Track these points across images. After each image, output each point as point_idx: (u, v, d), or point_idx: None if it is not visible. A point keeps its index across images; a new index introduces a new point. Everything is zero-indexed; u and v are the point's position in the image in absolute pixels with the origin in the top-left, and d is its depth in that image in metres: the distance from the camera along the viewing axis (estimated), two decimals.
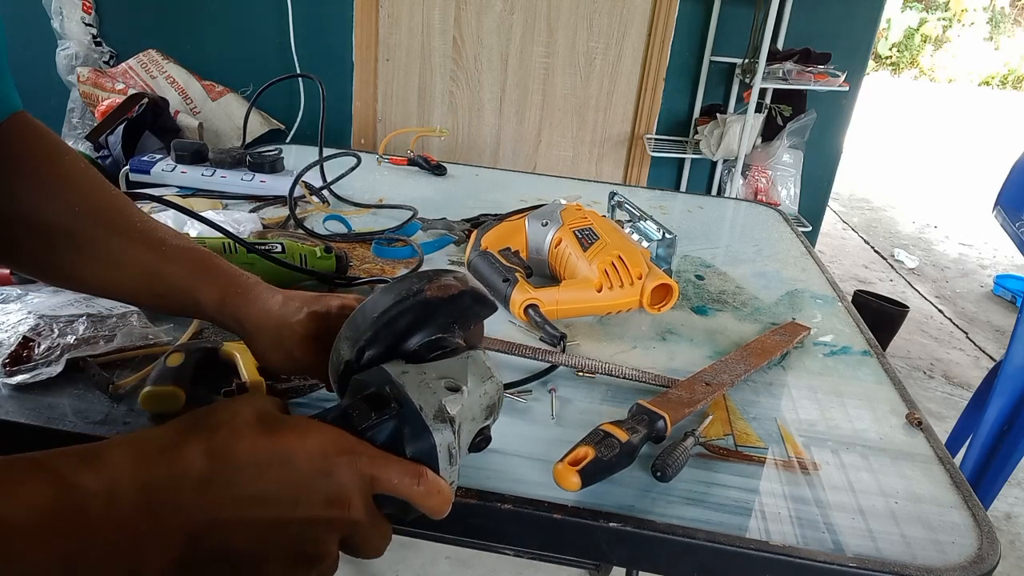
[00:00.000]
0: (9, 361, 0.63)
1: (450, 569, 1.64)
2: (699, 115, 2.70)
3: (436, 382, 0.44)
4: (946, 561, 0.54)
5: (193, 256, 0.58)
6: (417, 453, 0.41)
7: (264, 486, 0.36)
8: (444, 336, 0.48)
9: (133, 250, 0.57)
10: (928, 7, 12.09)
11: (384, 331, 0.46)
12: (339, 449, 0.39)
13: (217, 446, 0.37)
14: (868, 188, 5.67)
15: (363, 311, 0.47)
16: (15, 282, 0.78)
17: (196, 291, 0.57)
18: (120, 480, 0.34)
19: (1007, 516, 2.05)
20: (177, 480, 0.35)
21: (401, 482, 0.40)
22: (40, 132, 0.58)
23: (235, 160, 1.20)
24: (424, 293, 0.46)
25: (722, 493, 0.59)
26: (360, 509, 0.39)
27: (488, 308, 0.51)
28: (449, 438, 0.42)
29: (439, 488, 0.41)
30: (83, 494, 0.33)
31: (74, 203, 0.56)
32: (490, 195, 1.35)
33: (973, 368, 2.94)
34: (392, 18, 2.65)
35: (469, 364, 0.46)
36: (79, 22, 2.57)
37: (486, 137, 2.82)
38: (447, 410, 0.42)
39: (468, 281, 0.49)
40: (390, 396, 0.42)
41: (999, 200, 1.49)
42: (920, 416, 0.73)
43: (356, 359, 0.46)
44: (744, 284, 1.04)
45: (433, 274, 0.48)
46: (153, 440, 0.37)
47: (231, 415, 0.39)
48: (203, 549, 0.36)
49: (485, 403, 0.46)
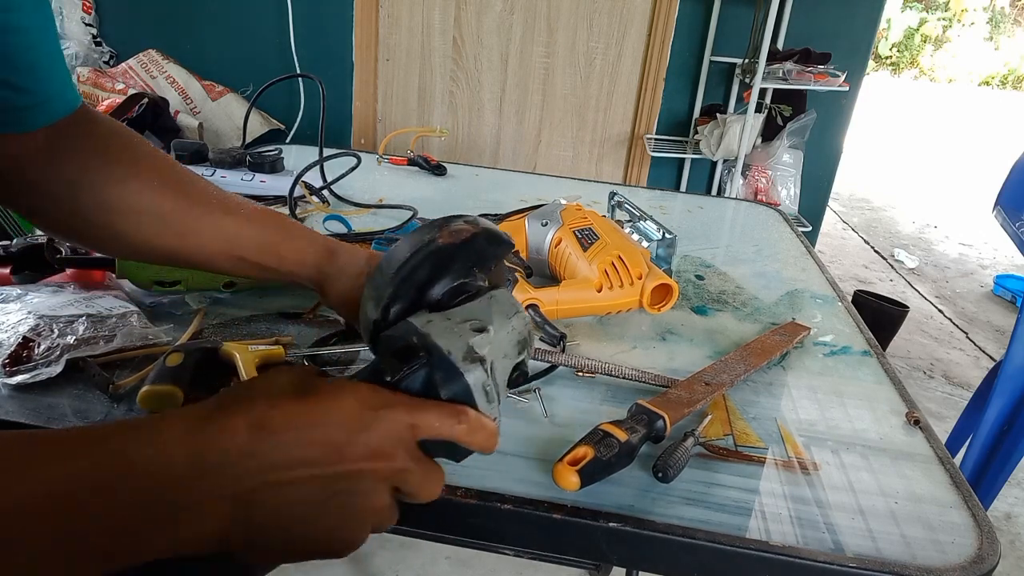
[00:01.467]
0: (9, 361, 0.63)
1: (450, 569, 1.64)
2: (699, 115, 2.70)
3: (462, 325, 0.44)
4: (946, 561, 0.54)
5: (270, 217, 0.63)
6: (452, 395, 0.42)
7: (306, 449, 0.38)
8: (465, 281, 0.48)
9: (212, 217, 0.61)
10: (928, 7, 12.09)
11: (404, 285, 0.46)
12: (374, 403, 0.40)
13: (256, 416, 0.38)
14: (868, 188, 5.67)
15: (381, 269, 0.47)
16: (15, 282, 0.78)
17: (277, 246, 0.61)
18: (170, 449, 0.36)
19: (1007, 516, 2.05)
20: (221, 452, 0.37)
21: (443, 424, 0.41)
22: (106, 122, 0.62)
23: (235, 160, 1.20)
24: (437, 241, 0.46)
25: (722, 493, 0.59)
26: (405, 457, 0.40)
27: (505, 246, 0.51)
28: (482, 377, 0.43)
29: (482, 424, 0.42)
30: (136, 460, 0.35)
31: (152, 180, 0.60)
32: (490, 195, 1.35)
33: (973, 368, 2.94)
34: (392, 18, 2.65)
35: (492, 304, 0.47)
36: (79, 22, 2.57)
37: (486, 137, 2.82)
38: (476, 350, 0.43)
39: (480, 223, 0.49)
40: (418, 346, 0.43)
41: (999, 200, 1.49)
42: (919, 415, 0.73)
43: (383, 317, 0.47)
44: (744, 284, 1.04)
45: (443, 221, 0.48)
46: (197, 412, 0.38)
47: (268, 385, 0.40)
48: (255, 513, 0.37)
49: (515, 339, 0.47)
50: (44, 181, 0.59)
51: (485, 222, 0.50)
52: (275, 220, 0.64)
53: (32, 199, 0.60)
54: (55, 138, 0.58)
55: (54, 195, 0.59)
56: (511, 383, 0.47)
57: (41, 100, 0.56)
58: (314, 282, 0.64)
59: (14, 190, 0.60)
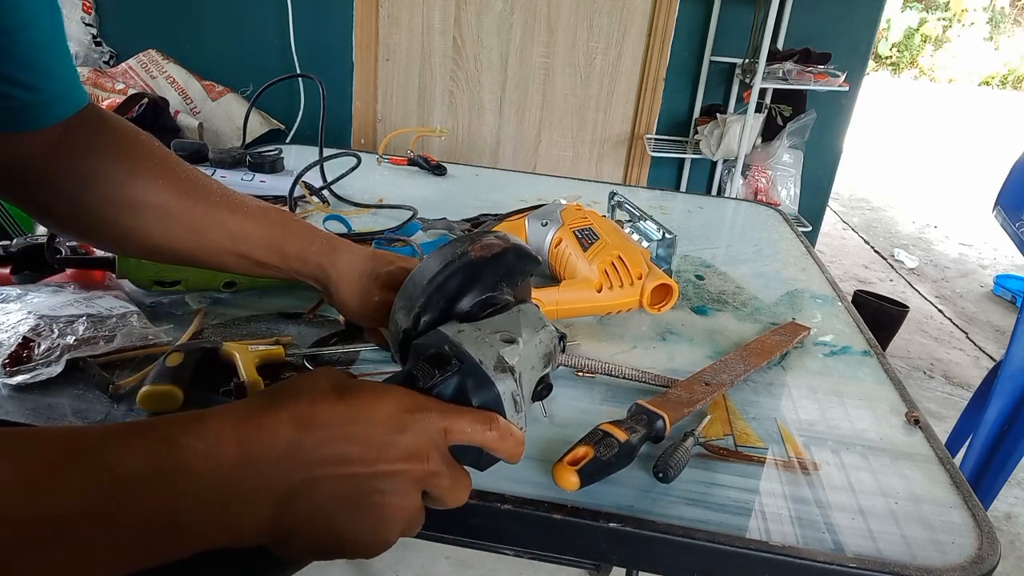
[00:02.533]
0: (9, 361, 0.63)
1: (450, 569, 1.64)
2: (699, 115, 2.70)
3: (492, 336, 0.45)
4: (946, 561, 0.54)
5: (274, 214, 0.63)
6: (484, 403, 0.43)
7: (346, 446, 0.39)
8: (494, 294, 0.50)
9: (215, 214, 0.62)
10: (928, 7, 12.09)
11: (436, 296, 0.48)
12: (411, 407, 0.41)
13: (301, 413, 0.39)
14: (868, 188, 5.66)
15: (413, 280, 0.49)
16: (15, 282, 0.78)
17: (280, 243, 0.62)
18: (220, 441, 0.37)
19: (1007, 516, 2.05)
20: (268, 445, 0.37)
21: (474, 430, 0.42)
22: (112, 119, 0.63)
23: (235, 160, 1.20)
24: (469, 255, 0.48)
25: (722, 493, 0.59)
26: (437, 460, 0.41)
27: (532, 263, 0.53)
28: (512, 386, 0.44)
29: (510, 431, 0.44)
30: (187, 452, 0.36)
31: (157, 177, 0.61)
32: (490, 195, 1.35)
33: (973, 368, 2.94)
34: (392, 18, 2.65)
35: (521, 317, 0.48)
36: (79, 22, 2.57)
37: (486, 137, 2.82)
38: (506, 360, 0.44)
39: (510, 239, 0.51)
40: (450, 354, 0.44)
41: (999, 200, 1.49)
42: (919, 415, 0.73)
43: (413, 326, 0.48)
44: (744, 284, 1.04)
45: (476, 235, 0.50)
46: (243, 409, 0.39)
47: (310, 384, 0.41)
48: (297, 507, 0.38)
49: (542, 352, 0.48)
50: (54, 178, 0.59)
51: (515, 238, 0.52)
52: (279, 217, 0.65)
53: (42, 196, 0.61)
54: (65, 136, 0.59)
55: (64, 192, 0.60)
56: (536, 395, 0.48)
57: (51, 98, 0.57)
58: (317, 280, 0.65)
59: (25, 188, 0.60)
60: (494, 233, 0.51)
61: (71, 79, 0.59)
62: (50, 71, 0.56)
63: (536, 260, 0.53)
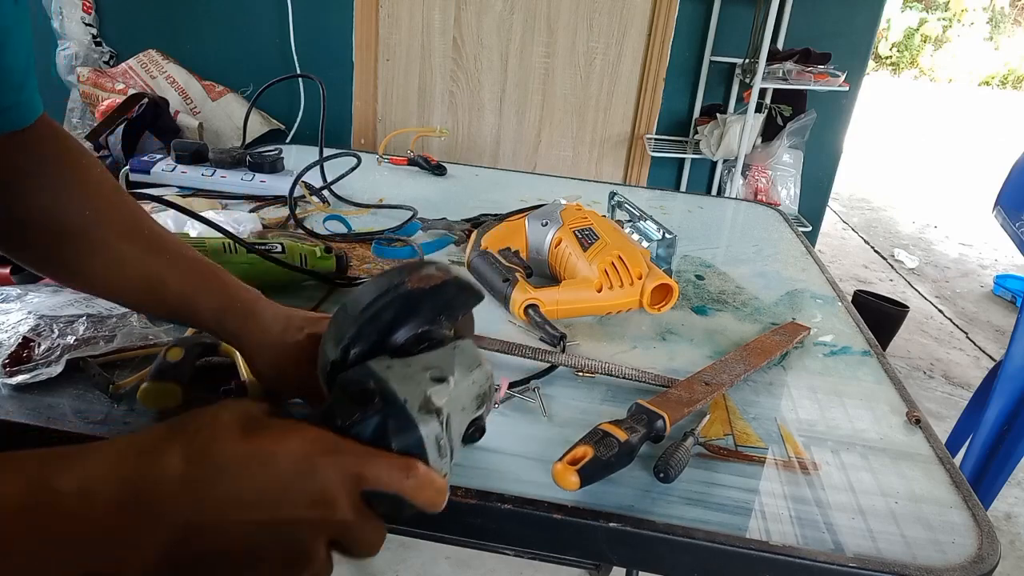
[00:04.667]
0: (9, 361, 0.63)
1: (450, 569, 1.64)
2: (699, 115, 2.70)
3: (421, 374, 0.43)
4: (946, 561, 0.54)
5: (196, 267, 0.59)
6: (404, 446, 0.40)
7: (245, 488, 0.36)
8: (430, 328, 0.47)
9: (138, 256, 0.58)
10: (928, 7, 12.09)
11: (368, 327, 0.45)
12: (321, 449, 0.38)
13: (196, 448, 0.36)
14: (868, 188, 5.66)
15: (345, 309, 0.46)
16: (15, 282, 0.78)
17: (195, 301, 0.57)
18: (94, 480, 0.35)
19: (1007, 516, 2.05)
20: (155, 482, 0.35)
21: (390, 477, 0.39)
22: (61, 137, 0.59)
23: (235, 160, 1.20)
24: (406, 285, 0.45)
25: (722, 493, 0.59)
26: (347, 508, 0.38)
27: (474, 297, 0.50)
28: (436, 429, 0.41)
29: (431, 480, 0.40)
30: (54, 492, 0.34)
31: (87, 207, 0.57)
32: (490, 195, 1.35)
33: (973, 368, 2.94)
34: (392, 18, 2.65)
35: (456, 354, 0.45)
36: (79, 22, 2.57)
37: (486, 137, 2.82)
38: (433, 401, 0.41)
39: (451, 270, 0.48)
40: (374, 391, 0.41)
41: (999, 200, 1.49)
42: (919, 414, 0.73)
43: (341, 358, 0.45)
44: (744, 284, 1.04)
45: (415, 265, 0.47)
46: (132, 443, 0.37)
47: (211, 418, 0.38)
48: (189, 550, 0.35)
49: (475, 392, 0.45)
50: None
51: (457, 270, 0.48)
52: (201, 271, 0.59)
53: None
54: (7, 147, 0.56)
55: None
56: (467, 438, 0.46)
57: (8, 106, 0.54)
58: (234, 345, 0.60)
59: None
60: (435, 264, 0.47)
61: (29, 89, 0.55)
62: (9, 80, 0.53)
63: (479, 294, 0.50)
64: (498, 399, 0.67)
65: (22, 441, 0.59)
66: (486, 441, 0.62)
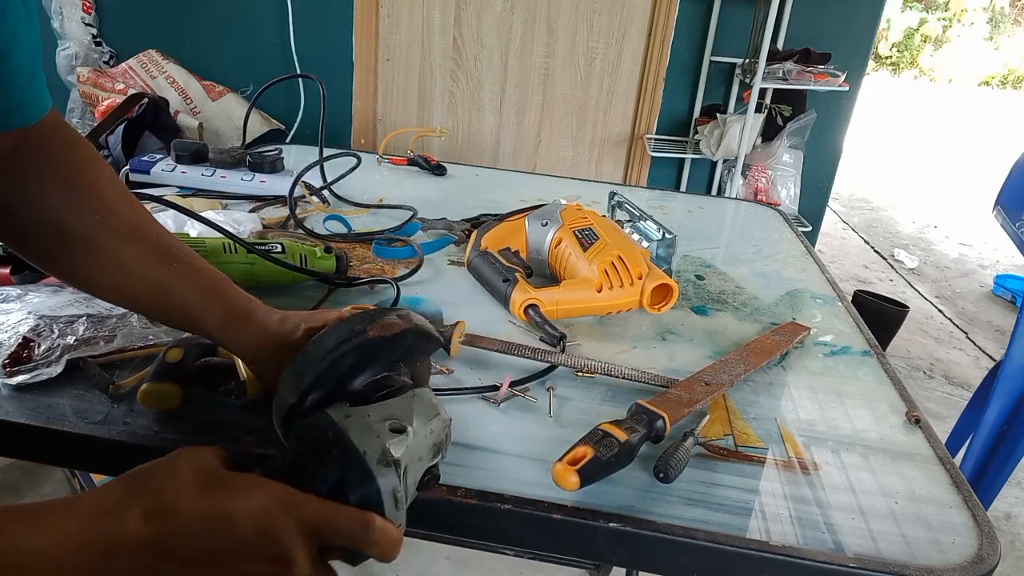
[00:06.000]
0: (9, 361, 0.63)
1: (450, 569, 1.64)
2: (699, 115, 2.69)
3: (380, 424, 0.43)
4: (946, 561, 0.54)
5: (202, 276, 0.59)
6: (362, 500, 0.41)
7: (206, 548, 0.37)
8: (389, 375, 0.48)
9: (145, 263, 0.58)
10: (928, 7, 12.08)
11: (327, 373, 0.46)
12: (280, 505, 0.39)
13: (158, 510, 0.37)
14: (868, 188, 5.66)
15: (305, 354, 0.47)
16: (15, 282, 0.78)
17: (201, 311, 0.58)
18: (62, 542, 0.35)
19: (1007, 516, 2.05)
20: (119, 545, 0.36)
21: (349, 531, 0.40)
22: (71, 138, 0.59)
23: (235, 160, 1.20)
24: (367, 333, 0.46)
25: (722, 493, 0.59)
26: (305, 565, 0.39)
27: (432, 344, 0.51)
28: (394, 482, 0.42)
29: (387, 533, 0.41)
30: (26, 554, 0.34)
31: (95, 212, 0.57)
32: (490, 195, 1.35)
33: (973, 368, 2.94)
34: (392, 18, 2.65)
35: (415, 403, 0.46)
36: (79, 22, 2.57)
37: (486, 137, 2.82)
38: (391, 453, 0.42)
39: (412, 319, 0.49)
40: (332, 442, 0.42)
41: (999, 200, 1.49)
42: (919, 414, 0.73)
43: (299, 403, 0.46)
44: (744, 284, 1.04)
45: (376, 313, 0.48)
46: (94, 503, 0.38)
47: (171, 475, 0.39)
48: None
49: (432, 442, 0.46)
50: None
51: (418, 318, 0.49)
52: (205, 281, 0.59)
53: None
54: (17, 144, 0.56)
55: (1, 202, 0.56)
56: (421, 485, 0.46)
57: (11, 105, 0.54)
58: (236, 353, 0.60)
59: None
60: (396, 311, 0.49)
61: (37, 86, 0.55)
62: (16, 78, 0.53)
63: (438, 340, 0.51)
64: (500, 397, 0.67)
65: (23, 441, 0.59)
66: (486, 441, 0.62)
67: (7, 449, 0.60)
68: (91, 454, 0.60)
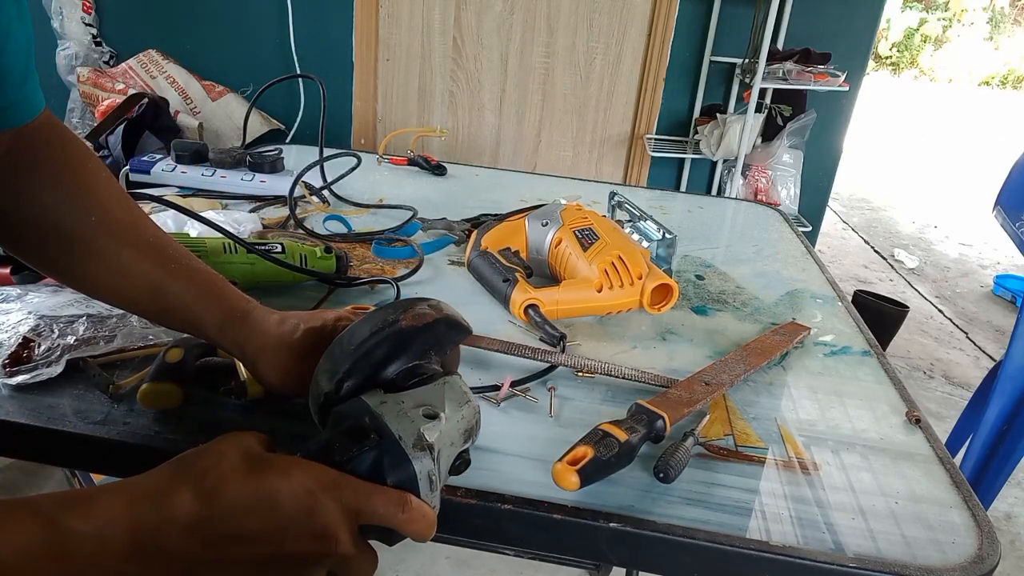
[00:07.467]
0: (9, 361, 0.63)
1: (450, 569, 1.64)
2: (699, 115, 2.69)
3: (414, 410, 0.45)
4: (946, 561, 0.54)
5: (199, 278, 0.59)
6: (399, 482, 0.43)
7: (252, 526, 0.38)
8: (421, 363, 0.49)
9: (142, 264, 0.58)
10: (928, 7, 12.08)
11: (362, 362, 0.47)
12: (322, 485, 0.40)
13: (205, 490, 0.38)
14: (868, 188, 5.66)
15: (340, 343, 0.48)
16: (15, 282, 0.78)
17: (199, 312, 0.58)
18: (110, 524, 0.36)
19: (1007, 516, 2.05)
20: (167, 524, 0.37)
21: (386, 511, 0.41)
22: (66, 138, 0.59)
23: (235, 160, 1.20)
24: (400, 323, 0.48)
25: (722, 493, 0.59)
26: (347, 542, 0.40)
27: (463, 333, 0.53)
28: (429, 465, 0.43)
29: (423, 513, 0.43)
30: (72, 536, 0.34)
31: (91, 212, 0.57)
32: (490, 195, 1.35)
33: (973, 368, 2.94)
34: (392, 18, 2.65)
35: (446, 390, 0.48)
36: (79, 22, 2.57)
37: (486, 137, 2.82)
38: (426, 437, 0.43)
39: (442, 308, 0.51)
40: (369, 427, 0.43)
41: (999, 200, 1.49)
42: (919, 414, 0.73)
43: (335, 390, 0.47)
44: (744, 284, 1.04)
45: (408, 303, 0.50)
46: (142, 485, 0.38)
47: (217, 458, 0.40)
48: None
49: (463, 427, 0.47)
50: None
51: (448, 308, 0.51)
52: (203, 282, 0.59)
53: None
54: (11, 144, 0.55)
55: None
56: (453, 470, 0.48)
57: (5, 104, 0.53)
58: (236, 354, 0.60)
59: None
60: (427, 301, 0.50)
61: (31, 85, 0.55)
62: (9, 77, 0.52)
63: (468, 330, 0.53)
64: (500, 397, 0.68)
65: (23, 441, 0.59)
66: (487, 441, 0.62)
67: (7, 449, 0.60)
68: (91, 454, 0.59)
